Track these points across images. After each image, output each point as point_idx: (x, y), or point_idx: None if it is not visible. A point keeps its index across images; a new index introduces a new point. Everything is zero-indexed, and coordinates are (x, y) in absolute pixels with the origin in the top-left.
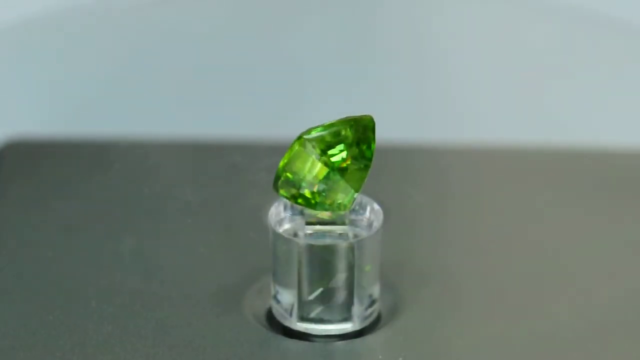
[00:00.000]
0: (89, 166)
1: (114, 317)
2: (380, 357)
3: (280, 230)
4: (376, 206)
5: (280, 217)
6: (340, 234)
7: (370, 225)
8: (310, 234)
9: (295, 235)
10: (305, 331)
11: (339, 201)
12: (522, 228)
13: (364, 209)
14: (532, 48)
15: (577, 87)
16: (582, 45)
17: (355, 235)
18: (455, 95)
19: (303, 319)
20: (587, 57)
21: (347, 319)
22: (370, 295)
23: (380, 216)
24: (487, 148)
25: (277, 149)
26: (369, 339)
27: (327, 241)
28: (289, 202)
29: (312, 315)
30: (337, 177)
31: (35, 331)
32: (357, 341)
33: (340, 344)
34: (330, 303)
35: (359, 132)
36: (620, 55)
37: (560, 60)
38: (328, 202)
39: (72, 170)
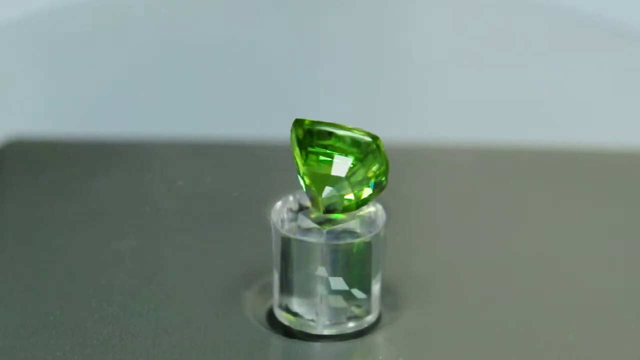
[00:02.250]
0: (90, 166)
1: (114, 317)
2: (380, 357)
3: (279, 221)
4: (380, 219)
5: (284, 210)
6: (318, 234)
7: (365, 233)
8: (299, 227)
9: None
10: (279, 319)
11: (318, 199)
12: (521, 228)
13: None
14: (532, 48)
15: (576, 87)
16: (583, 46)
17: (328, 240)
18: (455, 95)
19: (281, 307)
20: (587, 57)
21: (313, 320)
22: (360, 306)
23: (379, 226)
24: (487, 148)
25: (277, 149)
26: (369, 339)
27: (297, 237)
28: (291, 198)
29: (286, 305)
30: (305, 173)
31: (35, 331)
32: (357, 341)
33: (340, 344)
34: (295, 298)
35: (346, 142)
36: (619, 56)
37: (560, 60)
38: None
39: (72, 170)
